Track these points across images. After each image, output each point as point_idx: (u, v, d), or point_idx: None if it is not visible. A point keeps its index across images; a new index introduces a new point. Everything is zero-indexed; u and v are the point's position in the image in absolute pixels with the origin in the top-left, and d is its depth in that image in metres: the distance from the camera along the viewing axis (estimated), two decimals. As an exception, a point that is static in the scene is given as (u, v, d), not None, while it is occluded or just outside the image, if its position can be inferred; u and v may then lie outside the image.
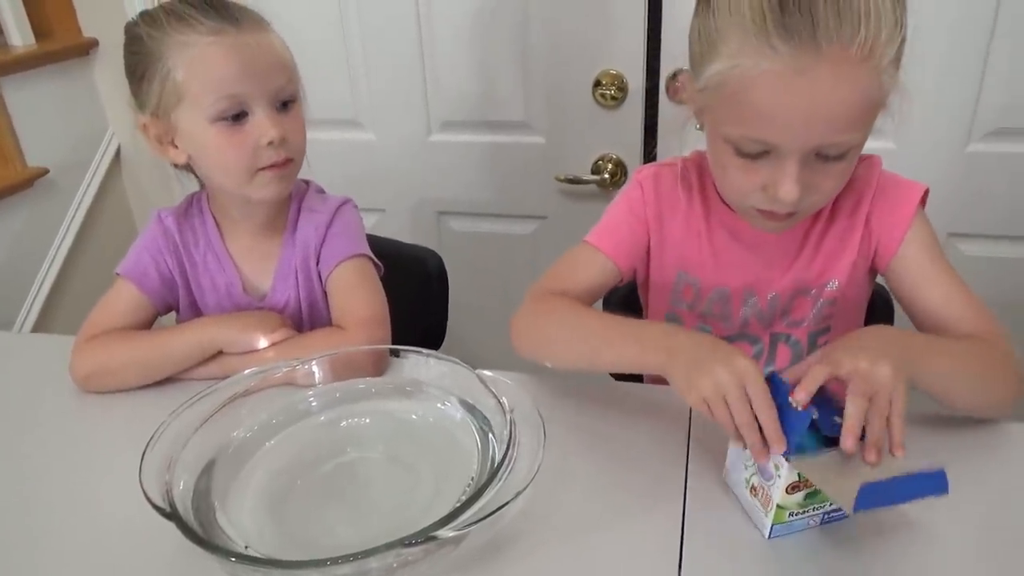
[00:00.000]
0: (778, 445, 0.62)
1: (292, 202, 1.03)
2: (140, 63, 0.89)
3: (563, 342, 0.84)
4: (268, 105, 0.89)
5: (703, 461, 0.77)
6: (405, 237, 1.33)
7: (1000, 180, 1.37)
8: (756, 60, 0.68)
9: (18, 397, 0.97)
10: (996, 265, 1.43)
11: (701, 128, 0.82)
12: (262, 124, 0.89)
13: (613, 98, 1.45)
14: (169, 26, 0.87)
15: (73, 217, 1.77)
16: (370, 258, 1.02)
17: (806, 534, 0.67)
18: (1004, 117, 1.33)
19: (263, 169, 0.91)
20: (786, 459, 0.63)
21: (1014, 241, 1.41)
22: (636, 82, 1.44)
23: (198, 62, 0.86)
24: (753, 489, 0.68)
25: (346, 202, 1.05)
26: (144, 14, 0.90)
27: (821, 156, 0.73)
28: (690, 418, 0.83)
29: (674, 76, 1.40)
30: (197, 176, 1.01)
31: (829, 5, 0.65)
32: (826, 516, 0.67)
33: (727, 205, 0.90)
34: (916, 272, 0.86)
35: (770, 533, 0.67)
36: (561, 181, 1.54)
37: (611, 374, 1.27)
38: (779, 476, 0.64)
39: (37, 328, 1.68)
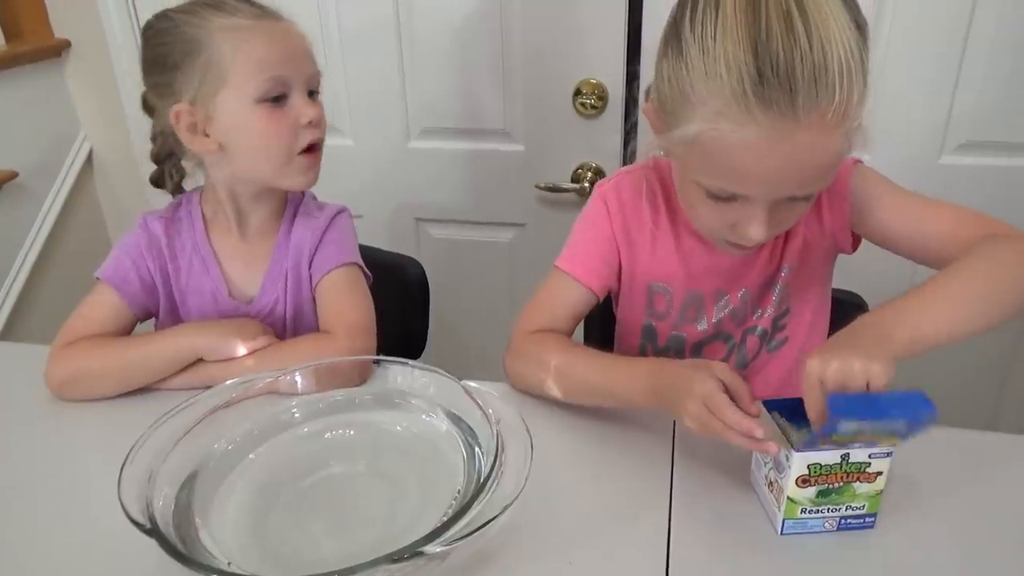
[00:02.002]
0: (757, 431, 0.65)
1: (288, 208, 1.03)
2: (173, 52, 0.89)
3: (558, 386, 0.87)
4: (303, 90, 0.93)
5: (688, 470, 0.77)
6: (383, 243, 1.32)
7: (973, 192, 1.39)
8: (733, 127, 0.68)
9: (-14, 408, 0.94)
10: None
11: (667, 156, 0.83)
12: (301, 106, 0.92)
13: (593, 107, 1.46)
14: (209, 13, 0.89)
15: (43, 222, 1.73)
16: (361, 268, 1.03)
17: (806, 539, 0.68)
18: (976, 130, 1.35)
19: (301, 154, 0.93)
20: (795, 450, 0.65)
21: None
22: (616, 92, 1.45)
23: (245, 44, 0.88)
24: (770, 484, 0.70)
25: (343, 211, 1.06)
26: (171, 10, 0.91)
27: (789, 198, 0.75)
28: (674, 427, 0.83)
29: (649, 92, 1.40)
30: (204, 176, 1.00)
31: (807, 73, 0.64)
32: (843, 521, 0.68)
33: None
34: (880, 219, 0.86)
35: (782, 528, 0.68)
36: (541, 189, 1.54)
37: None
38: (789, 467, 0.65)
39: (4, 336, 1.64)
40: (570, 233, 0.98)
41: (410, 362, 0.80)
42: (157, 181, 1.02)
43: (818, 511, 0.67)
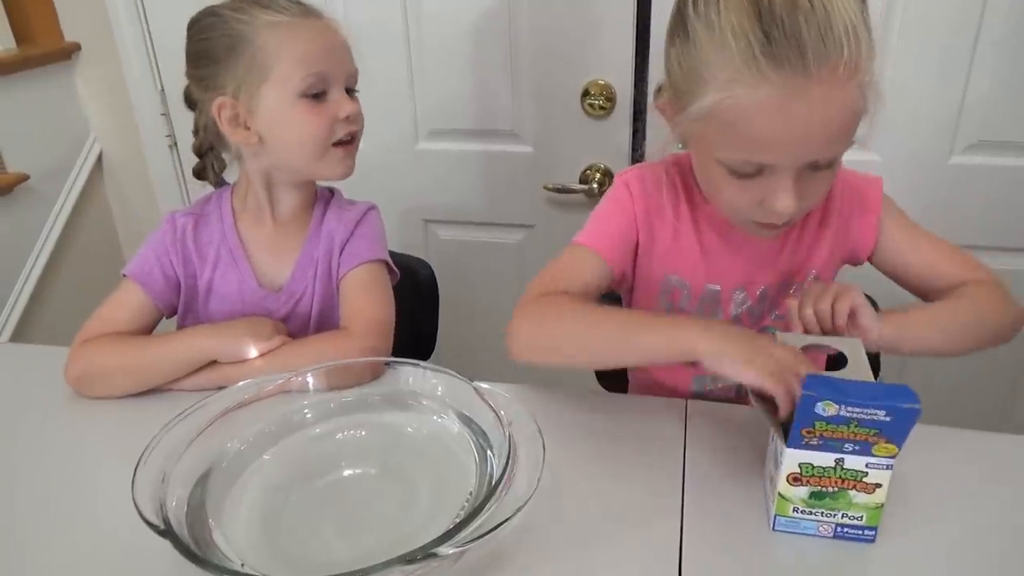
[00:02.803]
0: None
1: (318, 201, 1.05)
2: (218, 46, 0.92)
3: (579, 338, 0.81)
4: (342, 87, 0.96)
5: (699, 469, 0.77)
6: (392, 245, 1.31)
7: (983, 192, 1.39)
8: (748, 90, 0.69)
9: (-2, 409, 0.94)
10: (978, 275, 1.45)
11: (684, 147, 0.83)
12: (340, 101, 0.95)
13: (601, 108, 1.46)
14: (255, 10, 0.92)
15: (54, 224, 1.74)
16: (388, 265, 1.04)
17: (800, 540, 0.68)
18: (986, 130, 1.35)
19: (335, 146, 0.96)
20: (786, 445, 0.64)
21: (997, 253, 1.43)
22: (624, 92, 1.44)
23: (289, 40, 0.91)
24: (770, 479, 0.70)
25: (373, 207, 1.08)
26: (217, 6, 0.94)
27: (812, 166, 0.75)
28: (685, 427, 0.83)
29: (659, 90, 1.40)
30: (236, 170, 1.03)
31: (812, 30, 0.66)
32: (840, 529, 0.68)
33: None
34: (896, 251, 0.92)
35: (773, 524, 0.68)
36: (549, 190, 1.54)
37: (601, 384, 1.28)
38: (781, 463, 0.65)
39: (16, 338, 1.65)
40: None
41: (421, 363, 0.80)
42: (200, 173, 1.04)
43: (811, 513, 0.67)
